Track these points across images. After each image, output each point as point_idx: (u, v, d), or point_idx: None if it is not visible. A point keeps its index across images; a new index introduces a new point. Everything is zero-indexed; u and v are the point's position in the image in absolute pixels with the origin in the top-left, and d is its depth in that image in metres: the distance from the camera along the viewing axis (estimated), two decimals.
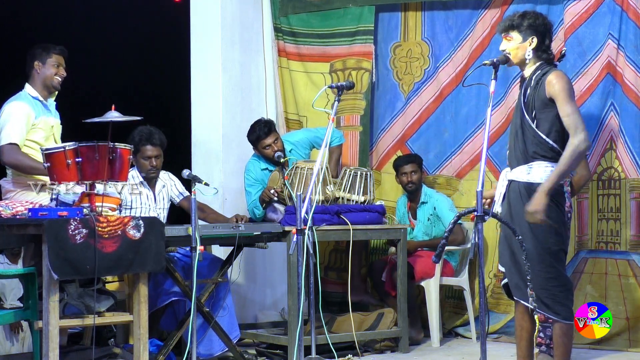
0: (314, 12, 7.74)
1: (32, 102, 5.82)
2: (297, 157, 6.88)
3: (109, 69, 8.55)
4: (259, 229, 6.15)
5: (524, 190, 4.82)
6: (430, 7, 7.41)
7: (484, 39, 7.10)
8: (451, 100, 7.30)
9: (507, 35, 4.90)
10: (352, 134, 7.57)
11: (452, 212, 6.96)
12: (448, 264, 7.02)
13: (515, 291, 4.86)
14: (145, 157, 6.31)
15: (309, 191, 5.27)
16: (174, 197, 6.47)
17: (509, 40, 4.90)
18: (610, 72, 6.63)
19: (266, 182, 6.76)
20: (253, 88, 7.71)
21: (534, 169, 4.82)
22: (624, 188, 6.58)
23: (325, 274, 7.53)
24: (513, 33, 4.88)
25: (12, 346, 6.73)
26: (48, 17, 8.44)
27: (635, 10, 6.54)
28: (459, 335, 7.17)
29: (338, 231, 6.36)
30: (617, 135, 6.59)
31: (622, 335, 6.50)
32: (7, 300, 6.68)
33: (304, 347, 5.36)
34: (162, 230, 5.37)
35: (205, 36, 7.49)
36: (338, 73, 7.64)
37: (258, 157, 6.90)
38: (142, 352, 5.29)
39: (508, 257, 4.89)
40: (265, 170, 6.88)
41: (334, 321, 6.67)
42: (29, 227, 5.11)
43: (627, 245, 6.56)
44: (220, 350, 6.18)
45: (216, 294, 6.16)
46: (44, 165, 5.29)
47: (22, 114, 5.72)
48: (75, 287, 5.56)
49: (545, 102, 4.79)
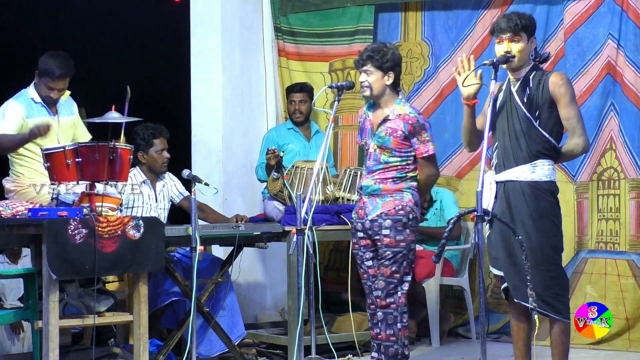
0: (313, 12, 7.74)
1: (28, 103, 5.84)
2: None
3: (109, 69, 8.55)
4: (259, 229, 6.16)
5: (528, 189, 4.80)
6: (430, 7, 7.41)
7: (484, 39, 7.10)
8: (451, 100, 7.30)
9: (514, 37, 4.85)
10: (352, 133, 7.57)
11: (455, 206, 6.99)
12: (448, 263, 7.02)
13: (514, 293, 4.85)
14: (158, 151, 6.33)
15: (309, 191, 5.27)
16: (174, 197, 6.48)
17: (516, 42, 4.85)
18: (610, 72, 6.63)
19: (285, 144, 6.98)
20: (253, 88, 7.71)
21: (537, 167, 4.81)
22: (623, 188, 6.58)
23: (325, 274, 7.53)
24: (522, 34, 4.86)
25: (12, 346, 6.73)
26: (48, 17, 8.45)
27: (635, 10, 6.54)
28: (459, 335, 7.17)
29: (338, 231, 6.36)
30: (617, 135, 6.60)
31: (621, 335, 6.50)
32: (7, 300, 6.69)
33: (304, 347, 5.36)
34: (162, 230, 5.37)
35: (205, 36, 7.49)
36: (337, 73, 7.65)
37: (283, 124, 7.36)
38: (142, 352, 5.29)
39: (504, 260, 4.87)
40: (292, 129, 7.19)
41: (334, 321, 6.67)
42: (29, 227, 5.12)
43: (626, 245, 6.56)
44: (220, 350, 6.18)
45: (216, 294, 6.17)
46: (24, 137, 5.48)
47: (13, 113, 5.77)
48: (75, 287, 5.57)
49: (549, 101, 4.79)
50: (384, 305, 5.28)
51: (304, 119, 7.18)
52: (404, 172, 5.32)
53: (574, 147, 4.82)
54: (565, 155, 4.89)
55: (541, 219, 4.77)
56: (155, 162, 6.34)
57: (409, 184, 5.32)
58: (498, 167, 4.92)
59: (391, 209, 5.26)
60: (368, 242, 5.35)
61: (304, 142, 7.16)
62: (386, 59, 5.28)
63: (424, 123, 5.31)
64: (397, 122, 5.28)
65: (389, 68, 5.28)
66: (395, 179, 5.30)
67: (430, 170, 5.36)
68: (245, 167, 7.49)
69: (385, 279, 5.28)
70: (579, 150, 4.86)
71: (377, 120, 5.35)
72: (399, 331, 5.28)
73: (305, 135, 7.20)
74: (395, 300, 5.28)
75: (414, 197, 5.31)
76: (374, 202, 5.32)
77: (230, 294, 6.27)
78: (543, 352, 5.43)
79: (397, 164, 5.31)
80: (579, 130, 4.79)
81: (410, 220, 5.28)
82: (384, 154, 5.30)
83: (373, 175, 5.33)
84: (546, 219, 4.78)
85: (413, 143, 5.28)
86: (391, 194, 5.28)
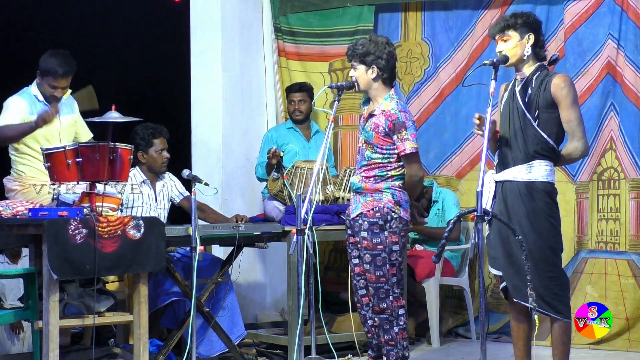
0: (312, 12, 7.74)
1: (31, 100, 5.84)
2: None
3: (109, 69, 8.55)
4: (259, 229, 6.16)
5: (524, 189, 4.81)
6: (431, 7, 7.41)
7: (484, 39, 7.10)
8: (451, 100, 7.30)
9: (503, 36, 4.89)
10: (352, 133, 7.58)
11: (456, 207, 7.00)
12: (448, 263, 7.02)
13: (514, 293, 4.85)
14: (158, 151, 6.33)
15: (309, 191, 5.27)
16: (174, 197, 6.48)
17: (506, 41, 4.89)
18: (610, 72, 6.64)
19: (285, 144, 6.97)
20: (253, 88, 7.71)
21: (534, 167, 4.82)
22: (623, 188, 6.59)
23: (325, 274, 7.53)
24: (510, 32, 4.88)
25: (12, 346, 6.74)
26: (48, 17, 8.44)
27: (635, 10, 6.55)
28: (459, 335, 7.17)
29: (338, 231, 6.36)
30: (617, 135, 6.60)
31: (621, 335, 6.50)
32: (7, 300, 6.69)
33: (304, 347, 5.36)
34: (162, 230, 5.37)
35: (205, 36, 7.49)
36: (337, 72, 7.65)
37: (283, 123, 7.35)
38: (142, 352, 5.29)
39: (504, 260, 4.87)
40: (291, 129, 7.16)
41: (334, 321, 6.67)
42: (29, 227, 5.12)
43: (626, 245, 6.56)
44: (220, 350, 6.18)
45: (216, 294, 6.17)
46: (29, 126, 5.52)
47: (17, 108, 5.77)
48: (75, 287, 5.57)
49: (550, 103, 4.79)
50: (378, 311, 5.28)
51: (304, 117, 7.18)
52: (385, 170, 5.25)
53: (573, 151, 4.84)
54: (565, 158, 4.90)
55: (537, 219, 4.78)
56: (155, 162, 6.35)
57: (390, 183, 5.24)
58: (498, 167, 4.93)
59: (369, 210, 5.23)
60: (355, 239, 5.35)
61: (304, 142, 7.16)
62: (367, 53, 5.24)
63: (405, 121, 5.21)
64: (380, 118, 5.24)
65: (371, 61, 5.24)
66: (376, 178, 5.26)
67: (411, 169, 5.25)
68: (245, 167, 7.49)
69: (373, 285, 5.26)
70: (577, 154, 4.87)
71: (366, 115, 5.36)
72: (396, 335, 5.27)
73: (305, 135, 7.20)
74: (388, 305, 5.25)
75: (394, 198, 5.22)
76: (357, 200, 5.32)
77: (230, 294, 6.27)
78: (543, 352, 5.44)
79: (378, 161, 5.26)
80: (579, 133, 4.80)
81: (389, 221, 5.20)
82: (368, 149, 5.29)
83: (360, 172, 5.33)
84: (543, 219, 4.78)
85: (394, 141, 5.22)
86: (371, 194, 5.25)
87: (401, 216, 5.23)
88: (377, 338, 5.39)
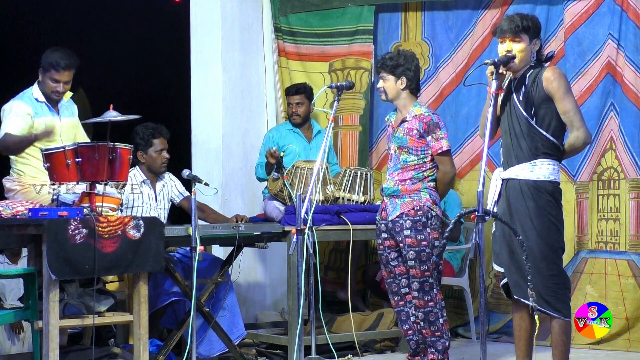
0: (313, 12, 7.74)
1: (32, 102, 5.82)
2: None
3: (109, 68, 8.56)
4: (259, 229, 6.16)
5: (527, 187, 4.81)
6: (431, 7, 7.41)
7: (484, 39, 7.11)
8: (451, 100, 7.31)
9: (515, 37, 4.85)
10: (352, 133, 7.58)
11: (458, 208, 7.00)
12: (448, 263, 7.02)
13: (515, 290, 4.85)
14: (158, 151, 6.33)
15: (309, 191, 5.27)
16: (174, 197, 6.47)
17: (517, 42, 4.86)
18: (610, 72, 6.63)
19: (285, 145, 6.99)
20: (253, 88, 7.71)
21: (537, 166, 4.82)
22: (623, 188, 6.58)
23: (325, 274, 7.53)
24: (523, 35, 4.86)
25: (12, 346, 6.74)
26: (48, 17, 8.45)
27: (635, 10, 6.55)
28: (459, 335, 7.17)
29: (338, 231, 6.36)
30: (616, 135, 6.60)
31: (621, 335, 6.50)
32: (7, 300, 6.69)
33: (304, 347, 5.36)
34: (162, 230, 5.37)
35: (205, 36, 7.49)
36: (337, 72, 7.64)
37: (284, 124, 7.31)
38: (142, 352, 5.29)
39: (506, 257, 4.88)
40: (292, 130, 7.14)
41: (334, 321, 6.67)
42: (29, 227, 5.12)
43: (626, 245, 6.56)
44: (220, 351, 6.18)
45: (216, 294, 6.17)
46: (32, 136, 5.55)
47: (21, 113, 5.75)
48: (75, 287, 5.57)
49: (543, 98, 4.79)
50: (422, 305, 5.53)
51: (302, 120, 7.16)
52: (421, 171, 5.59)
53: (574, 141, 4.84)
54: (569, 150, 4.91)
55: (539, 218, 4.78)
56: (154, 162, 6.34)
57: (426, 184, 5.59)
58: (504, 165, 4.96)
59: (410, 210, 5.54)
60: (392, 242, 5.63)
61: (305, 142, 7.16)
62: (397, 65, 5.64)
63: (438, 122, 5.62)
64: (413, 122, 5.61)
65: (401, 73, 5.64)
66: (412, 180, 5.57)
67: (445, 166, 5.62)
68: (245, 167, 7.49)
69: (418, 279, 5.53)
70: (580, 143, 4.85)
71: (396, 123, 5.69)
72: (442, 325, 5.57)
73: (305, 136, 7.19)
74: (432, 297, 5.55)
75: (431, 197, 5.57)
76: (394, 203, 5.59)
77: (230, 294, 6.27)
78: (544, 352, 5.44)
79: (414, 162, 5.59)
80: (577, 122, 4.79)
81: (429, 219, 5.54)
82: (402, 153, 5.60)
83: (393, 177, 5.64)
84: (544, 218, 4.78)
85: (429, 141, 5.58)
86: (409, 195, 5.56)
87: (437, 214, 5.60)
88: (417, 334, 5.62)
